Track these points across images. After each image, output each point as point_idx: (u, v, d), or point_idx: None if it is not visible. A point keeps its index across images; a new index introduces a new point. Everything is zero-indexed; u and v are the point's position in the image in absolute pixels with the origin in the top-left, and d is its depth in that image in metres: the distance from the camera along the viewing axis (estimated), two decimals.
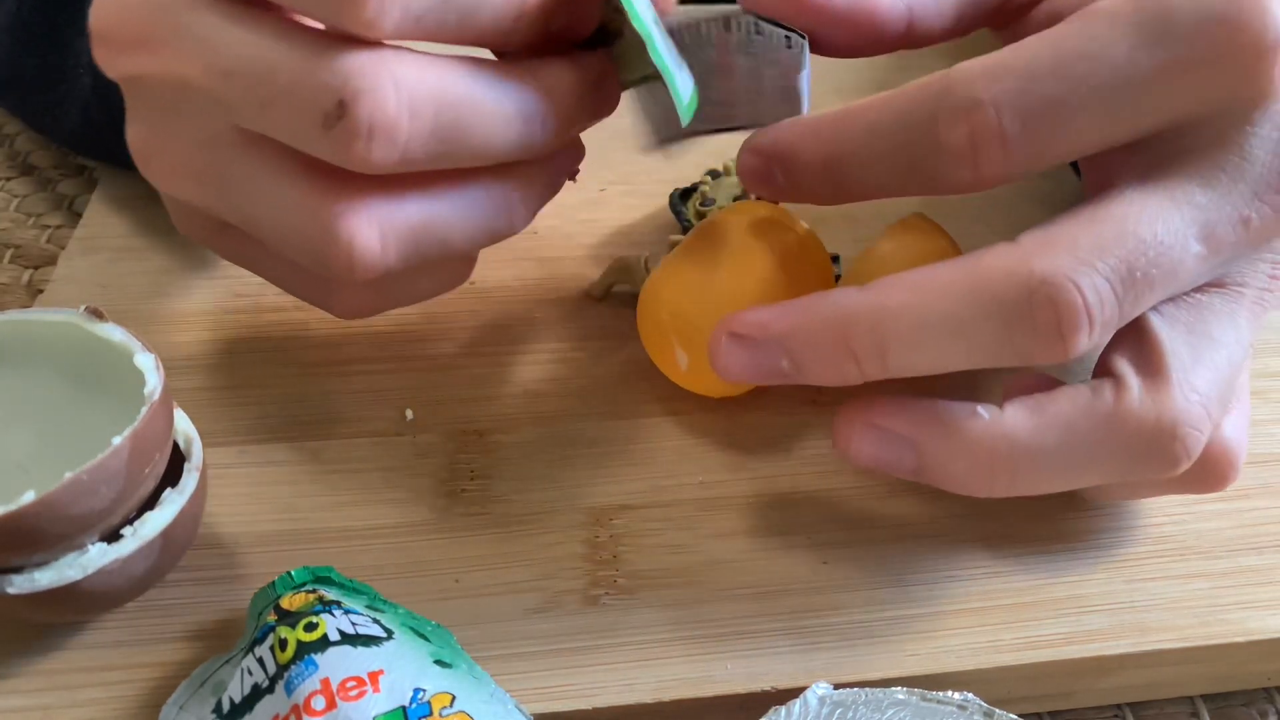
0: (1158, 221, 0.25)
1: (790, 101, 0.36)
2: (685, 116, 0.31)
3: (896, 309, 0.26)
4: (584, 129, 0.31)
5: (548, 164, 0.30)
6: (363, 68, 0.24)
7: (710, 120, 0.37)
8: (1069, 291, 0.24)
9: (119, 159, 0.45)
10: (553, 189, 0.31)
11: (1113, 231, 0.25)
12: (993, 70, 0.25)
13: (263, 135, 0.26)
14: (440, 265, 0.31)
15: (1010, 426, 0.26)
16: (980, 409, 0.27)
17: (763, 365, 0.28)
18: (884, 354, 0.26)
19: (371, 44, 0.25)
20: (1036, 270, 0.24)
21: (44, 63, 0.42)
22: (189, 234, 0.32)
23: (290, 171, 0.26)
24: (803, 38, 0.31)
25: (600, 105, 0.30)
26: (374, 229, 0.26)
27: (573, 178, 0.32)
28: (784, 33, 0.31)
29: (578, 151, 0.32)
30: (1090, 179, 0.29)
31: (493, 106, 0.26)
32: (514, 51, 0.29)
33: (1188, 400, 0.26)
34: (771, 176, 0.30)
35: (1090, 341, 0.25)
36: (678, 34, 0.34)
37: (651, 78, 0.30)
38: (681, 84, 0.30)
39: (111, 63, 0.28)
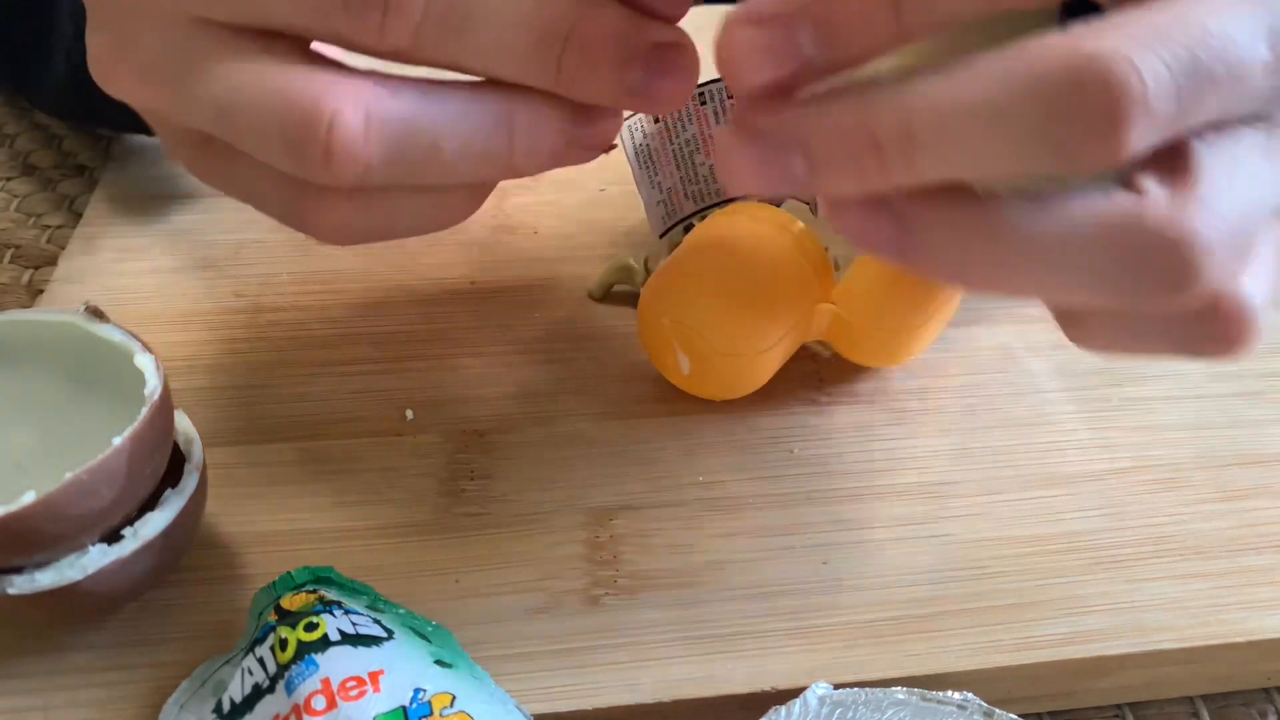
0: (1225, 13, 0.22)
1: None
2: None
3: (927, 91, 0.22)
4: (621, 94, 0.26)
5: (567, 104, 0.27)
6: None
7: (704, 198, 0.38)
8: (1123, 70, 0.21)
9: (103, 116, 0.44)
10: (573, 145, 0.27)
11: (1173, 18, 0.21)
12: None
13: (234, 24, 0.25)
14: (433, 188, 0.28)
15: (1008, 207, 0.23)
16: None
17: (774, 165, 0.24)
18: (911, 144, 0.22)
19: None
20: (1086, 48, 0.21)
21: (28, 13, 0.41)
22: (172, 156, 0.30)
23: (271, 52, 0.25)
24: None
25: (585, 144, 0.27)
26: (358, 111, 0.24)
27: (608, 150, 0.29)
28: None
29: (615, 117, 0.28)
30: None
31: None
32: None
33: (1208, 221, 0.22)
34: (792, 45, 0.23)
35: (1142, 140, 0.21)
36: (659, 116, 0.35)
37: None
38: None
39: None
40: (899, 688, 0.26)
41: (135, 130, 0.44)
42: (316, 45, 0.26)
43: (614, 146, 0.29)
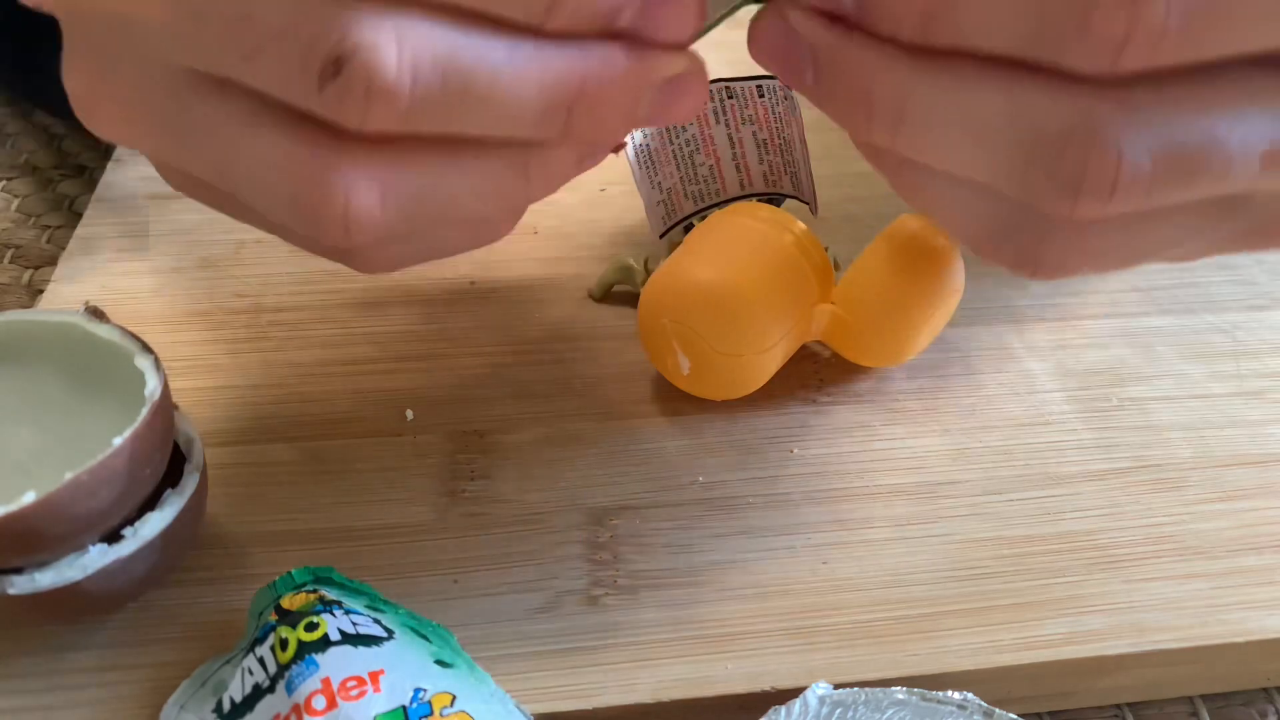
0: None
1: (785, 152, 0.37)
2: None
3: (928, 87, 0.22)
4: (631, 129, 0.26)
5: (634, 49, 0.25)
6: (363, 17, 0.21)
7: (704, 198, 0.38)
8: (1107, 155, 0.20)
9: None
10: (583, 162, 0.26)
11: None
12: None
13: (228, 80, 0.23)
14: (463, 222, 0.27)
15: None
16: None
17: (790, 56, 0.23)
18: (899, 123, 0.22)
19: None
20: (1080, 120, 0.20)
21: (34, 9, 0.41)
22: (171, 185, 0.28)
23: (269, 121, 0.23)
24: (772, 78, 0.30)
25: (659, 107, 0.24)
26: (373, 188, 0.23)
27: (616, 150, 0.29)
28: (754, 84, 0.31)
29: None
30: None
31: (512, 77, 0.22)
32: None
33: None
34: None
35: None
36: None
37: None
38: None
39: None
40: (899, 688, 0.26)
41: None
42: None
43: (623, 146, 0.28)
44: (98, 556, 0.26)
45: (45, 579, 0.26)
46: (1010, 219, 0.22)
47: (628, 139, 0.35)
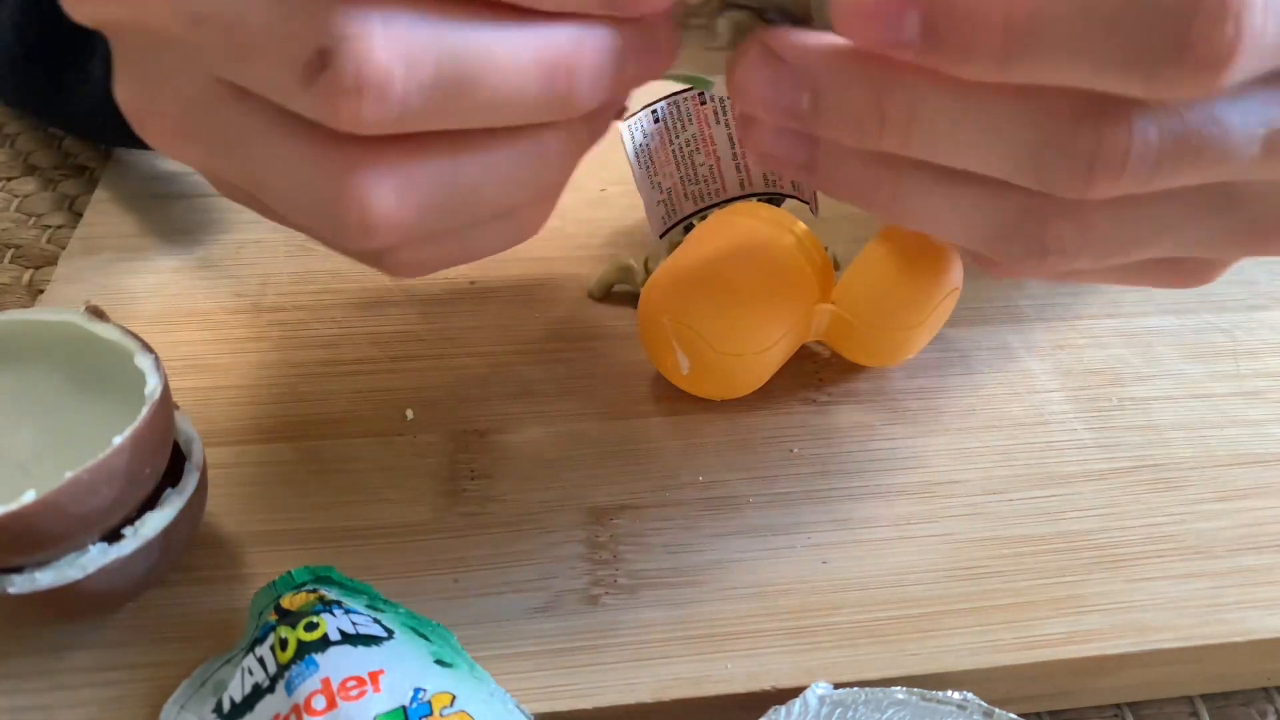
0: None
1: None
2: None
3: (941, 89, 0.22)
4: (631, 88, 0.25)
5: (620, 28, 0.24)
6: (348, 10, 0.21)
7: (704, 198, 0.38)
8: (1118, 140, 0.21)
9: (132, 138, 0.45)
10: (595, 134, 0.26)
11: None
12: None
13: (247, 88, 0.23)
14: (490, 217, 0.26)
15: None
16: None
17: (782, 94, 0.23)
18: (912, 127, 0.22)
19: None
20: (1094, 112, 0.20)
21: (62, 33, 0.41)
22: (223, 195, 0.28)
23: (285, 127, 0.23)
24: None
25: (650, 61, 0.24)
26: (388, 190, 0.23)
27: (619, 116, 0.28)
28: None
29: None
30: None
31: (507, 56, 0.22)
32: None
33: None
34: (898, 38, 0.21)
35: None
36: (659, 116, 0.35)
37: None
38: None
39: (76, 6, 0.24)
40: (899, 687, 0.26)
41: None
42: None
43: (624, 111, 0.28)
44: (98, 556, 0.26)
45: (45, 578, 0.26)
46: (1017, 213, 0.23)
47: (626, 128, 0.35)
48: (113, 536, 0.27)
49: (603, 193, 0.45)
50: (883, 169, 0.24)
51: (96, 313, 0.29)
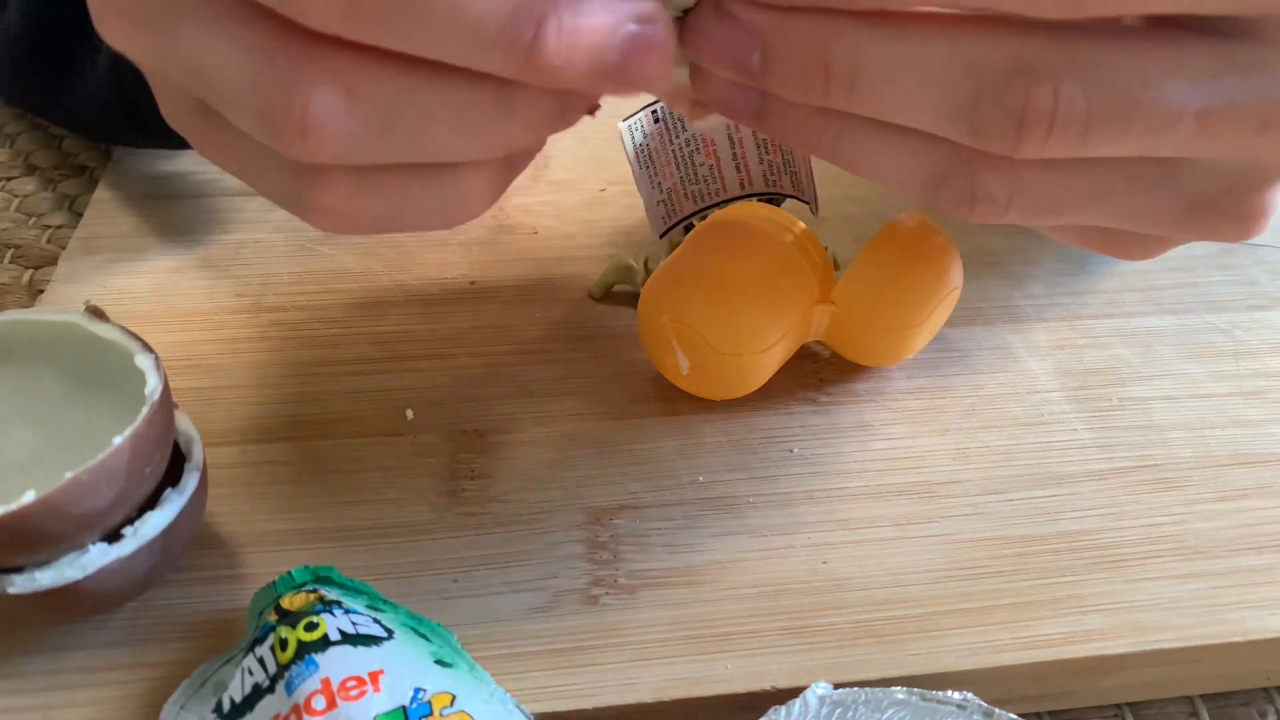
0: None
1: (785, 152, 0.37)
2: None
3: (884, 38, 0.23)
4: (594, 60, 0.24)
5: None
6: None
7: (704, 198, 0.38)
8: (1043, 94, 0.22)
9: (149, 131, 0.43)
10: (562, 114, 0.25)
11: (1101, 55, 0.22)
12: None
13: None
14: (436, 171, 0.26)
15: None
16: None
17: (733, 50, 0.24)
18: (856, 80, 0.23)
19: None
20: (1025, 62, 0.22)
21: (63, 30, 0.41)
22: (170, 120, 0.28)
23: (240, 15, 0.23)
24: None
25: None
26: (336, 89, 0.22)
27: (592, 112, 0.27)
28: None
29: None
30: None
31: None
32: None
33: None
34: None
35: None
36: (659, 116, 0.35)
37: None
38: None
39: None
40: (899, 688, 0.26)
41: (181, 146, 0.42)
42: None
43: (598, 108, 0.28)
44: (98, 555, 0.26)
45: (45, 578, 0.26)
46: (949, 163, 0.24)
47: (626, 128, 0.35)
48: (113, 536, 0.27)
49: (603, 193, 0.45)
50: (828, 119, 0.25)
51: (96, 313, 0.29)
